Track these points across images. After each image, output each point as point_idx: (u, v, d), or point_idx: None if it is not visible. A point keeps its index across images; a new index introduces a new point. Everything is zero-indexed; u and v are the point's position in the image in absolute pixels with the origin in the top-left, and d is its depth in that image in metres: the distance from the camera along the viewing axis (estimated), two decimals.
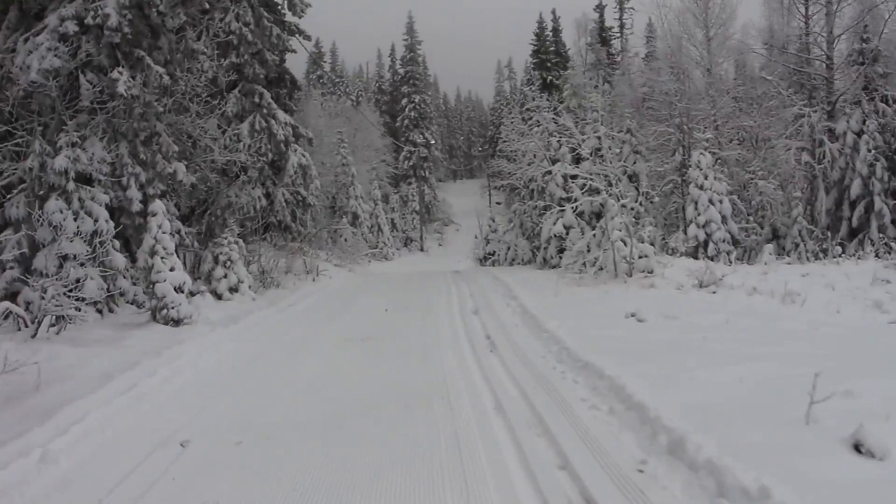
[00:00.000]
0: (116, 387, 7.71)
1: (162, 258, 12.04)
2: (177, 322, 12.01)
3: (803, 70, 25.74)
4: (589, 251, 19.81)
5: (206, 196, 21.68)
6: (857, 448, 5.06)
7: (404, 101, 74.87)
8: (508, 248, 31.73)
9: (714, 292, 14.85)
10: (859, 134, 21.78)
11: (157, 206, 12.24)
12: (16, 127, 13.79)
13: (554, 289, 15.76)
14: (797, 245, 21.80)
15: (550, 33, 67.61)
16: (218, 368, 9.38)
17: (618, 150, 23.06)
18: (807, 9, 25.24)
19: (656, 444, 5.70)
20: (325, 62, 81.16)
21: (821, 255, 20.74)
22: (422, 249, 58.09)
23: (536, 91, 33.03)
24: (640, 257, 17.53)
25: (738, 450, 5.09)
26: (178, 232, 16.41)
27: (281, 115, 24.13)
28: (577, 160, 24.80)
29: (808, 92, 25.35)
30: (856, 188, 21.27)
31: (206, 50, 17.28)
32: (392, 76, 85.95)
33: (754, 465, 4.80)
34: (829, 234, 21.80)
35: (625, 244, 17.94)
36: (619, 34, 57.68)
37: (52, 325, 10.69)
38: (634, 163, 24.32)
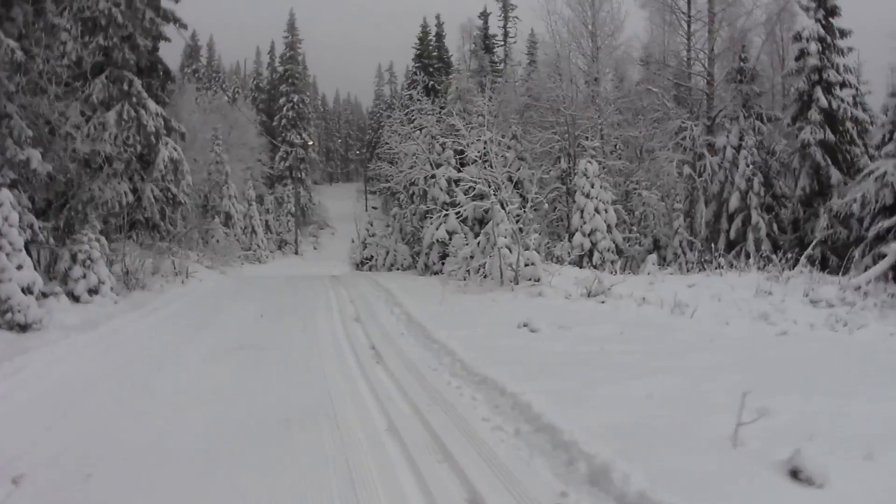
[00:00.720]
0: None
1: (7, 255, 10.69)
2: (24, 327, 10.68)
3: (684, 85, 26.20)
4: (472, 258, 19.37)
5: (66, 189, 20.01)
6: (795, 475, 4.64)
7: (282, 100, 73.10)
8: (387, 253, 31.00)
9: (603, 302, 14.60)
10: (738, 149, 22.21)
11: (3, 195, 10.86)
12: None
13: (439, 296, 15.14)
14: (677, 256, 22.04)
15: (434, 38, 67.21)
16: (70, 382, 8.19)
17: (503, 156, 22.74)
18: (689, 26, 25.73)
19: (575, 473, 5.10)
20: (201, 56, 78.39)
21: (702, 266, 20.99)
22: (296, 253, 56.59)
23: (421, 93, 32.46)
24: (527, 265, 17.16)
25: (671, 480, 4.56)
26: (31, 226, 14.86)
27: (152, 105, 22.61)
28: (461, 165, 24.39)
29: (690, 106, 25.81)
30: (734, 201, 21.66)
31: (68, 27, 15.79)
32: (271, 74, 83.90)
33: (695, 500, 4.28)
34: (708, 245, 22.13)
35: (510, 251, 17.56)
36: (502, 42, 57.78)
37: None
38: (518, 169, 24.10)
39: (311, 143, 70.14)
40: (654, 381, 7.41)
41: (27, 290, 10.86)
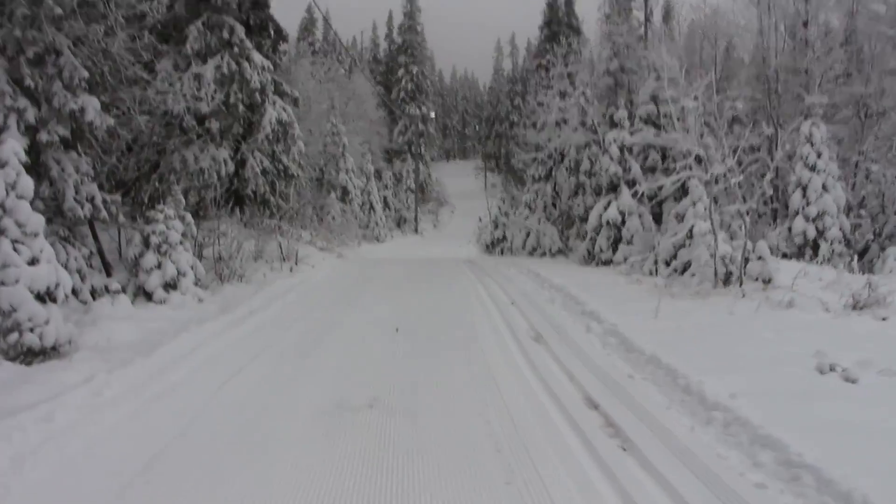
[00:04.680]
0: None
1: (14, 242, 6.83)
2: (36, 354, 6.83)
3: None
4: (656, 247, 14.92)
5: (157, 154, 16.52)
6: None
7: (401, 71, 69.79)
8: (528, 235, 26.59)
9: (885, 319, 9.82)
10: None
11: (8, 149, 6.95)
12: None
13: (640, 300, 10.70)
14: None
15: (563, 5, 62.90)
16: None
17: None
18: None
19: None
20: (316, 29, 75.57)
21: None
22: (416, 231, 52.86)
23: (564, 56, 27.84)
24: (746, 259, 12.41)
25: None
26: (92, 199, 11.18)
27: (257, 57, 18.85)
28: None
29: None
30: None
31: None
32: (389, 45, 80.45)
33: None
34: None
35: (717, 240, 12.93)
36: (643, 5, 52.20)
37: None
38: (702, 135, 19.25)
39: (431, 114, 66.35)
40: None
41: (45, 296, 6.99)
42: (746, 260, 12.45)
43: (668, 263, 14.50)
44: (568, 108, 23.17)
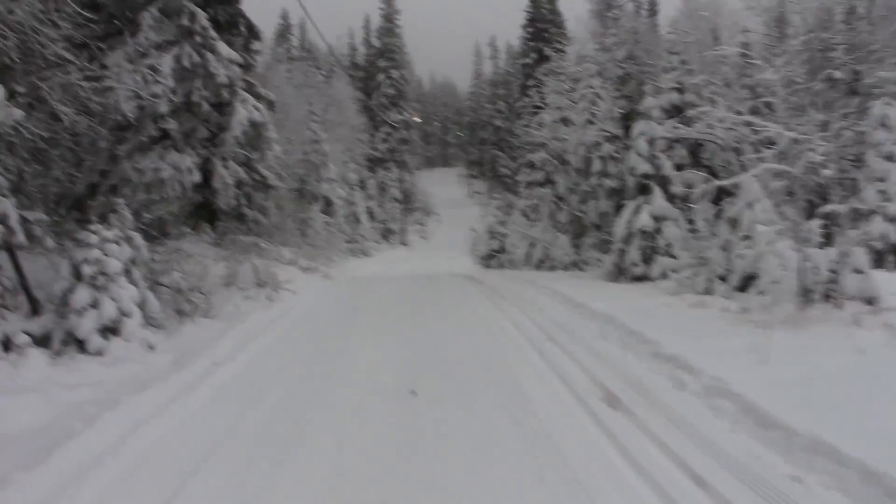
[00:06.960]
0: None
1: None
2: None
3: None
4: (698, 262, 12.51)
5: (111, 165, 14.00)
6: None
7: (381, 76, 67.19)
8: (532, 245, 24.09)
9: None
10: None
11: None
12: None
13: (730, 335, 8.19)
14: None
15: (546, 2, 61.02)
16: None
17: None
18: None
19: None
20: (291, 35, 73.03)
21: None
22: (404, 243, 50.25)
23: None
24: (832, 272, 9.93)
25: None
26: (3, 220, 8.55)
27: (223, 48, 16.19)
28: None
29: None
30: None
31: None
32: (367, 50, 77.81)
33: None
34: None
35: (802, 250, 10.49)
36: None
37: None
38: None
39: (416, 119, 63.84)
40: None
41: None
42: (832, 273, 10.00)
43: (723, 279, 12.07)
44: (572, 104, 20.78)
